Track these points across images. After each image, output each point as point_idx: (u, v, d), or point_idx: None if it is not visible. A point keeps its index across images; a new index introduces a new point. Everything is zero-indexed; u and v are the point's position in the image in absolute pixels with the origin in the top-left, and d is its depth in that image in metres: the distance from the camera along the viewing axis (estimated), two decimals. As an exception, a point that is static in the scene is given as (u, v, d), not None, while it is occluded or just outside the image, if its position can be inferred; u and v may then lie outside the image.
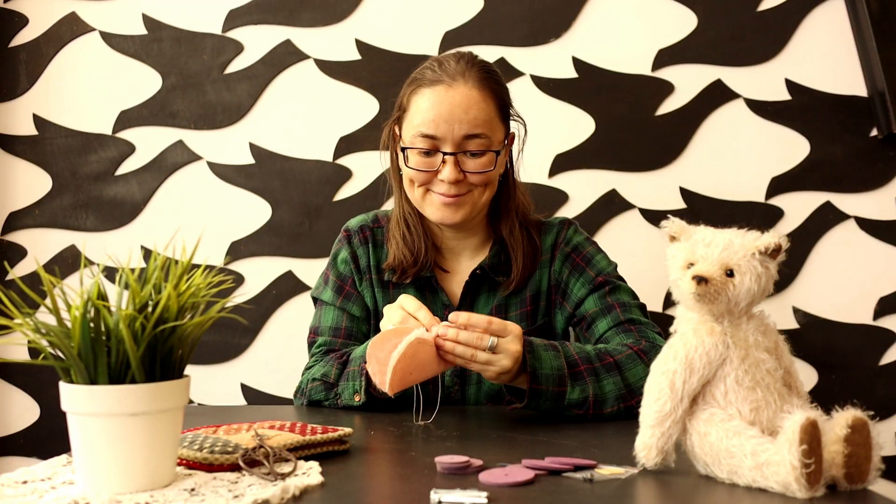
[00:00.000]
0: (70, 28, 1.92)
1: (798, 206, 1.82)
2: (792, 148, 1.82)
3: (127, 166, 1.91)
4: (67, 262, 1.91)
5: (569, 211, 1.84)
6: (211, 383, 1.88)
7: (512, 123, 1.34)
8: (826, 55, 1.82)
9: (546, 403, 1.10)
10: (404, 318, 1.09)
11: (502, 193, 1.34)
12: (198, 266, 0.81)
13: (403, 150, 1.27)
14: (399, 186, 1.34)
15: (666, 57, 1.85)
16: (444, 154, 1.23)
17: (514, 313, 1.33)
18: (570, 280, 1.33)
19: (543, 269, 1.35)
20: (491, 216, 1.36)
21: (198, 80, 1.91)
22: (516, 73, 1.86)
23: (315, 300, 1.41)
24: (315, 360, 1.33)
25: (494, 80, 1.28)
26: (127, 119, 1.92)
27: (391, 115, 1.34)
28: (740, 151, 1.83)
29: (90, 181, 1.91)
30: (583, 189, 1.85)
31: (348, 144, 1.89)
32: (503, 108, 1.29)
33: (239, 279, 1.89)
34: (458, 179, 1.23)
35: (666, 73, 1.85)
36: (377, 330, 1.31)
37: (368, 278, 1.36)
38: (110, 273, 1.89)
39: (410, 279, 1.33)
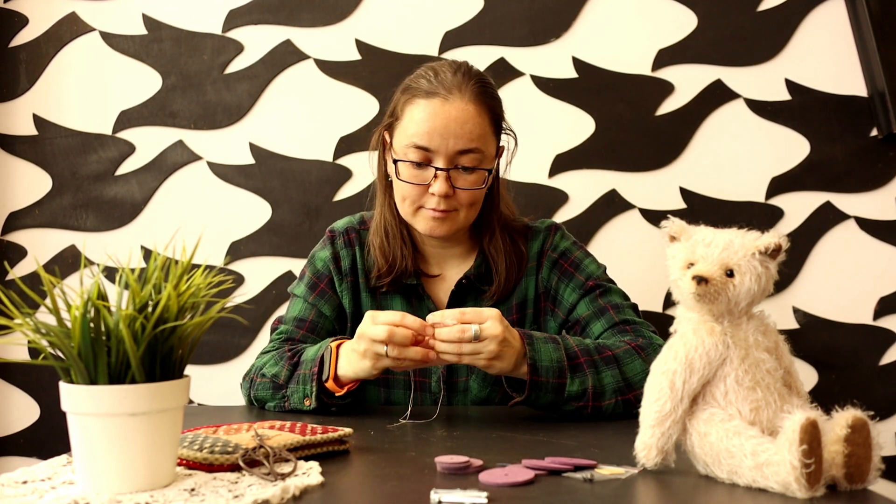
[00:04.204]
0: (70, 28, 1.92)
1: (798, 206, 1.82)
2: (792, 148, 1.82)
3: (127, 166, 1.91)
4: (67, 262, 1.91)
5: (569, 211, 1.84)
6: (211, 383, 1.88)
7: (503, 137, 1.34)
8: (826, 55, 1.82)
9: (546, 396, 1.10)
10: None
11: (486, 205, 1.33)
12: (198, 266, 0.81)
13: (395, 161, 1.26)
14: (384, 192, 1.33)
15: (666, 57, 1.85)
16: (437, 169, 1.22)
17: None
18: (559, 286, 1.32)
19: (530, 277, 1.34)
20: (474, 226, 1.35)
21: (198, 80, 1.91)
22: (516, 73, 1.86)
23: (290, 295, 1.41)
24: (273, 346, 1.32)
25: (490, 94, 1.27)
26: (127, 119, 1.92)
27: (382, 121, 1.34)
28: (740, 151, 1.83)
29: (90, 181, 1.91)
30: (583, 189, 1.85)
31: (348, 144, 1.89)
32: (496, 122, 1.28)
33: (239, 279, 1.89)
34: (447, 194, 1.22)
35: (666, 73, 1.85)
36: (349, 331, 1.31)
37: (350, 281, 1.35)
38: (110, 273, 1.89)
39: (387, 287, 1.32)
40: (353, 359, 1.13)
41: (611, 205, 1.84)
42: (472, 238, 1.36)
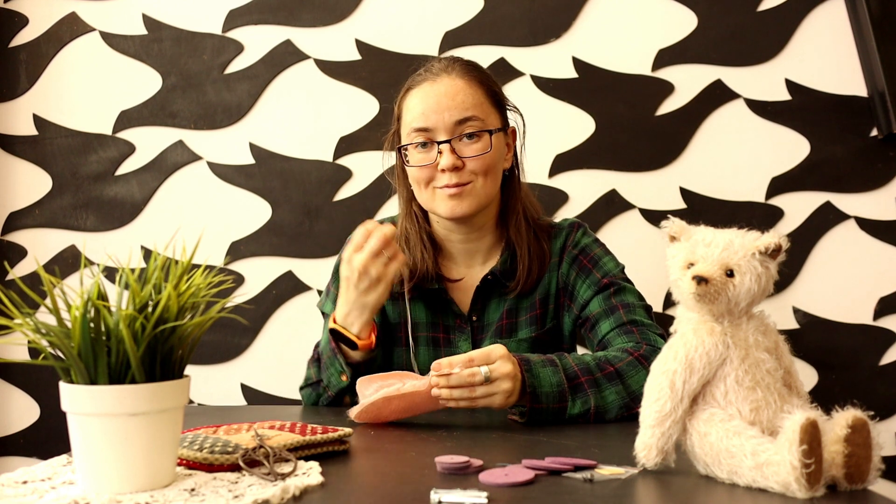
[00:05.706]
0: (70, 28, 1.92)
1: (798, 206, 1.82)
2: (792, 148, 1.82)
3: (127, 166, 1.91)
4: (67, 262, 1.91)
5: (569, 211, 1.84)
6: (211, 383, 1.88)
7: (511, 120, 1.35)
8: (826, 55, 1.82)
9: (548, 419, 1.10)
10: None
11: (508, 191, 1.35)
12: (198, 266, 0.81)
13: (401, 149, 1.28)
14: (406, 203, 1.36)
15: (666, 57, 1.85)
16: (439, 143, 1.25)
17: (524, 317, 1.33)
18: (577, 282, 1.33)
19: (552, 273, 1.35)
20: (500, 218, 1.36)
21: (198, 80, 1.91)
22: (516, 73, 1.86)
23: (323, 314, 1.41)
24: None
25: (479, 71, 1.32)
26: (127, 119, 1.92)
27: (390, 128, 1.37)
28: (740, 151, 1.83)
29: (90, 181, 1.91)
30: (583, 189, 1.85)
31: (348, 144, 1.89)
32: (493, 94, 1.31)
33: (239, 279, 1.89)
34: (456, 166, 1.24)
35: (666, 73, 1.85)
36: (377, 339, 1.30)
37: None
38: (110, 273, 1.89)
39: (410, 293, 1.33)
40: (346, 298, 1.22)
41: (611, 205, 1.84)
42: (496, 231, 1.36)
